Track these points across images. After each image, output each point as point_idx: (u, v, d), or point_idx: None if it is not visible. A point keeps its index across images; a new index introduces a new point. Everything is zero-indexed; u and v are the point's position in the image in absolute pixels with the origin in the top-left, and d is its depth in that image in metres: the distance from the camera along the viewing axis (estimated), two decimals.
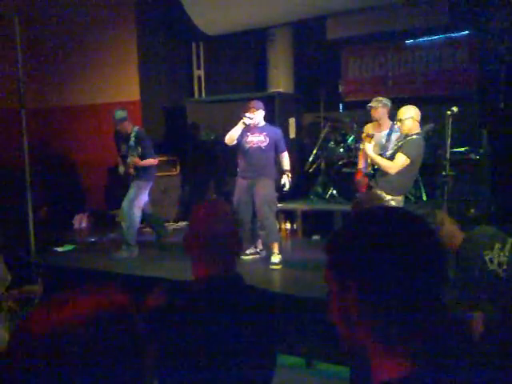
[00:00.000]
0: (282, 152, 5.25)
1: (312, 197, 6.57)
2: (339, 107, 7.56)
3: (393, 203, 3.99)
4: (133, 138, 5.47)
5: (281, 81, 7.53)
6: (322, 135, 6.69)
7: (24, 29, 6.17)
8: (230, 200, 5.23)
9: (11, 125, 6.14)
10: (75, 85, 7.84)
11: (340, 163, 6.21)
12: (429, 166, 5.60)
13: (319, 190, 6.55)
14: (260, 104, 5.21)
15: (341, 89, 7.54)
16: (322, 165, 6.62)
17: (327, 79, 7.44)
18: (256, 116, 5.10)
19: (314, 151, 6.70)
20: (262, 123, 5.23)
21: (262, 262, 5.15)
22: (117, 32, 7.59)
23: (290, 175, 5.26)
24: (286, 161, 5.27)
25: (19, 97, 6.11)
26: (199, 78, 8.42)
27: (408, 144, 4.16)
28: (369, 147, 4.32)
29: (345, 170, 6.15)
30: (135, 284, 4.57)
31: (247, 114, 5.06)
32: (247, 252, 5.30)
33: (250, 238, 5.34)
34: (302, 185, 6.74)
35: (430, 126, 5.63)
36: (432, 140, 5.62)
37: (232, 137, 5.11)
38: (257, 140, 5.12)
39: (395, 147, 4.41)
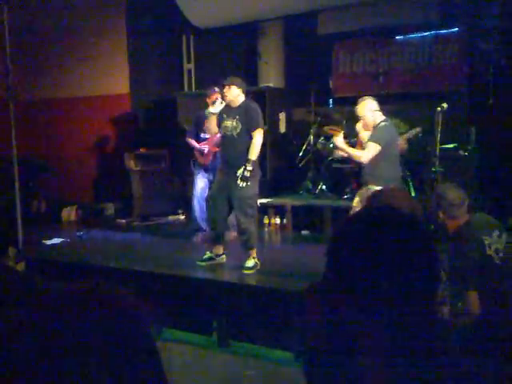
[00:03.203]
0: (253, 131, 4.35)
1: (302, 192, 6.59)
2: (329, 102, 7.57)
3: None
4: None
5: (271, 75, 7.52)
6: (312, 130, 6.70)
7: (14, 21, 6.09)
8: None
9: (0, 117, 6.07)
10: (64, 77, 7.77)
11: (330, 158, 6.23)
12: (418, 161, 5.64)
13: (309, 185, 6.57)
14: (234, 80, 4.48)
15: (331, 84, 7.55)
16: (312, 160, 6.64)
17: (318, 74, 7.44)
18: (228, 93, 4.40)
19: (304, 146, 6.71)
20: (238, 103, 4.43)
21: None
22: (107, 25, 7.53)
23: (249, 168, 4.29)
24: (253, 145, 4.32)
25: (7, 89, 6.04)
26: (189, 71, 8.37)
27: (375, 131, 4.20)
28: (339, 140, 4.32)
29: (335, 165, 6.18)
30: (124, 278, 4.57)
31: (211, 107, 4.75)
32: (204, 257, 4.71)
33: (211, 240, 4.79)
34: (292, 180, 6.75)
35: (418, 129, 5.67)
36: (421, 136, 5.66)
37: (209, 129, 4.83)
38: (230, 127, 4.41)
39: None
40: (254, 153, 4.37)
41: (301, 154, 6.70)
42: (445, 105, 4.59)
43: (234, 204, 4.46)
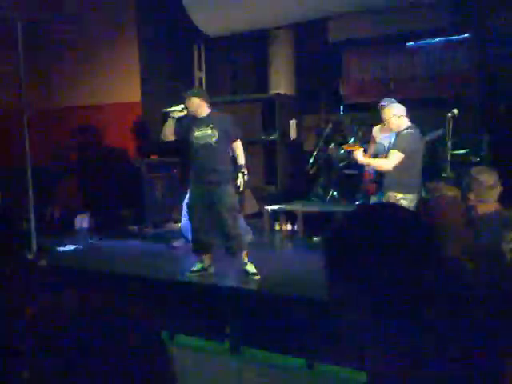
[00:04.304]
0: (234, 141, 4.48)
1: (313, 198, 6.59)
2: (340, 109, 7.59)
3: (404, 202, 3.97)
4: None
5: (282, 82, 7.55)
6: (323, 137, 6.72)
7: (28, 31, 6.20)
8: None
9: (15, 126, 6.16)
10: (77, 86, 7.86)
11: (341, 165, 6.24)
12: (429, 167, 5.62)
13: (320, 191, 6.57)
14: (195, 91, 4.63)
15: (342, 91, 7.56)
16: (323, 166, 6.65)
17: (328, 81, 7.46)
18: (190, 105, 4.44)
19: (315, 153, 6.72)
20: (205, 112, 4.48)
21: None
22: (119, 34, 7.61)
23: (245, 172, 4.52)
24: (239, 152, 4.50)
25: (21, 98, 6.13)
26: (200, 79, 8.43)
27: (399, 139, 4.18)
28: (358, 155, 4.33)
29: (346, 171, 6.18)
30: (136, 285, 4.59)
31: (173, 107, 4.56)
32: (193, 269, 4.66)
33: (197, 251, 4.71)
34: (303, 186, 6.76)
35: (440, 131, 5.64)
36: (432, 142, 5.64)
37: (165, 133, 4.59)
38: (205, 135, 4.40)
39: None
40: (243, 157, 4.52)
41: (311, 160, 6.71)
42: (455, 111, 4.58)
43: (219, 212, 4.43)
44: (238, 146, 4.51)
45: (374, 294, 0.85)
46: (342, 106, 7.57)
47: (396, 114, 4.21)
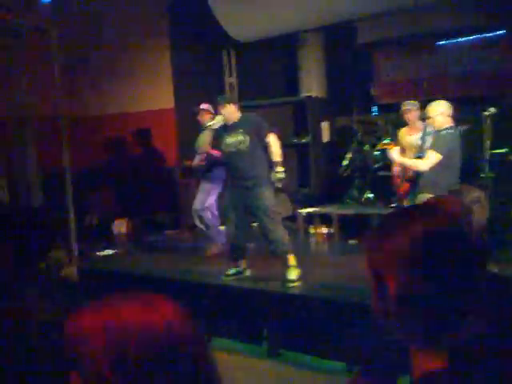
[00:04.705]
0: (267, 136, 4.40)
1: (348, 201, 6.56)
2: (373, 110, 7.53)
3: None
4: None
5: (312, 85, 7.54)
6: (357, 139, 6.68)
7: (63, 41, 6.37)
8: None
9: (53, 134, 6.33)
10: (112, 94, 8.01)
11: (375, 166, 6.19)
12: (466, 167, 5.52)
13: (355, 193, 6.53)
14: (228, 97, 4.66)
15: (373, 92, 7.51)
16: (358, 168, 6.61)
17: (360, 82, 7.42)
18: (225, 112, 4.42)
19: (349, 155, 6.69)
20: (236, 117, 4.48)
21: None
22: (151, 41, 7.73)
23: (281, 167, 4.43)
24: (273, 149, 4.39)
25: (57, 106, 6.31)
26: (231, 84, 8.50)
27: (438, 140, 4.13)
28: (393, 153, 4.29)
29: (381, 173, 6.12)
30: (174, 288, 4.66)
31: (212, 121, 4.53)
32: (229, 272, 4.67)
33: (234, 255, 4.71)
34: (337, 189, 6.73)
35: (465, 126, 5.54)
36: (468, 141, 5.54)
37: (202, 147, 4.68)
38: (236, 142, 4.38)
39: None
40: (279, 153, 4.42)
41: (345, 162, 6.68)
42: (492, 109, 4.50)
43: (257, 216, 4.42)
44: (273, 142, 4.42)
45: (421, 298, 0.85)
46: (374, 107, 7.51)
47: (443, 112, 4.15)
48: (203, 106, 5.81)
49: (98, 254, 6.06)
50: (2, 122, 6.26)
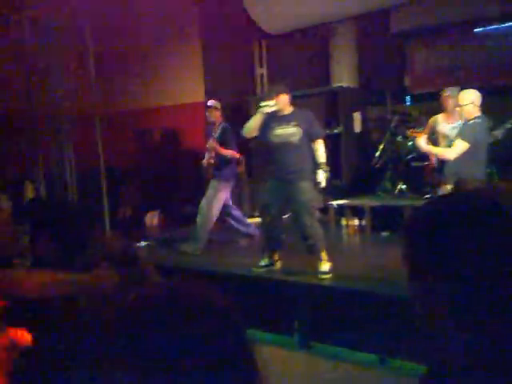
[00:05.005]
0: (316, 139, 4.48)
1: (380, 192, 6.46)
2: (406, 100, 7.38)
3: None
4: (219, 131, 5.63)
5: (344, 75, 7.45)
6: (390, 129, 6.56)
7: (96, 38, 6.47)
8: None
9: (87, 129, 6.45)
10: (143, 88, 8.09)
11: (409, 157, 6.07)
12: (507, 158, 5.35)
13: (388, 185, 6.43)
14: (282, 87, 4.48)
15: (407, 81, 7.36)
16: (390, 159, 6.49)
17: (393, 72, 7.28)
18: (279, 102, 4.35)
19: (381, 146, 6.58)
20: (289, 109, 4.46)
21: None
22: (181, 34, 7.77)
23: (326, 169, 4.53)
24: (320, 151, 4.49)
25: (92, 102, 6.42)
26: (261, 76, 8.48)
27: (466, 129, 4.04)
28: (421, 142, 4.20)
29: (414, 164, 6.01)
30: (205, 279, 4.68)
31: (265, 102, 4.36)
32: (260, 264, 4.69)
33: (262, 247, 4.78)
34: (369, 180, 6.63)
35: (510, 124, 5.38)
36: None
37: (250, 129, 4.47)
38: (286, 134, 4.37)
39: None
40: (324, 155, 4.51)
41: (378, 153, 6.57)
42: None
43: (296, 209, 4.42)
44: (320, 145, 4.50)
45: (461, 287, 0.82)
46: (408, 97, 7.36)
47: (473, 101, 4.05)
48: (211, 102, 5.82)
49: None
50: (39, 119, 6.41)
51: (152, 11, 7.70)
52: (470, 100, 4.05)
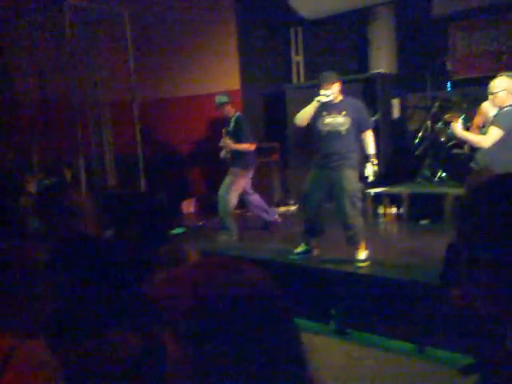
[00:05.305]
0: (365, 131, 4.42)
1: (420, 180, 6.33)
2: (447, 86, 7.18)
3: None
4: (232, 123, 5.64)
5: (383, 61, 7.30)
6: (430, 116, 6.41)
7: (134, 26, 6.55)
8: None
9: (125, 116, 6.55)
10: (179, 77, 8.14)
11: (450, 144, 5.92)
12: None
13: (427, 172, 6.29)
14: (335, 76, 4.42)
15: (449, 66, 7.15)
16: (430, 146, 6.35)
17: (433, 57, 7.08)
18: (333, 91, 4.30)
19: (421, 133, 6.44)
20: (340, 98, 4.40)
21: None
22: (217, 22, 7.77)
23: (375, 161, 4.45)
24: (370, 142, 4.42)
25: (131, 90, 6.51)
26: (297, 63, 8.41)
27: (500, 116, 3.93)
28: (457, 127, 4.08)
29: (455, 151, 5.86)
30: None
31: (322, 92, 4.28)
32: (297, 251, 4.71)
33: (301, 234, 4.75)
34: (408, 168, 6.52)
35: None
36: None
37: (303, 117, 4.41)
38: (335, 123, 4.34)
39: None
40: (373, 147, 4.44)
41: (417, 140, 6.44)
42: None
43: (339, 198, 4.35)
44: (369, 136, 4.44)
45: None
46: (449, 83, 7.16)
47: (506, 88, 3.93)
48: (216, 99, 5.80)
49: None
50: (80, 106, 6.54)
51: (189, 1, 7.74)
52: (502, 87, 3.94)
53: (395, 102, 6.88)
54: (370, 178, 4.48)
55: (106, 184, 6.94)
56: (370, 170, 4.44)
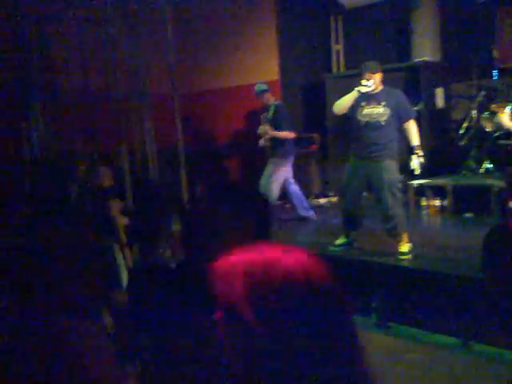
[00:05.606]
0: (407, 121, 4.32)
1: (464, 172, 6.17)
2: (493, 74, 6.94)
3: None
4: (271, 111, 5.63)
5: (426, 49, 7.12)
6: (475, 105, 6.22)
7: (174, 19, 6.59)
8: None
9: (166, 109, 6.62)
10: (218, 68, 8.17)
11: (496, 135, 5.74)
12: None
13: (472, 164, 6.13)
14: (376, 66, 4.35)
15: (495, 54, 6.90)
16: (475, 137, 6.17)
17: (479, 45, 6.86)
18: (374, 81, 4.23)
19: (466, 123, 6.27)
20: (380, 88, 4.32)
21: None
22: (256, 13, 7.75)
23: (420, 153, 4.34)
24: (413, 133, 4.32)
25: (172, 83, 6.57)
26: (337, 52, 8.30)
27: None
28: (503, 117, 3.94)
29: (501, 142, 5.68)
30: None
31: (363, 82, 4.22)
32: (337, 242, 4.69)
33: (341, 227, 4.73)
34: (452, 159, 6.36)
35: None
36: None
37: (342, 106, 4.34)
38: (375, 113, 4.26)
39: None
40: (418, 138, 4.33)
41: (462, 131, 6.27)
42: None
43: (379, 189, 4.29)
44: (412, 126, 4.34)
45: None
46: (495, 71, 6.92)
47: None
48: (256, 88, 5.76)
49: None
50: (123, 98, 6.66)
51: None
52: None
53: (439, 92, 6.71)
54: (417, 171, 4.39)
55: (148, 175, 7.05)
56: (416, 163, 4.34)
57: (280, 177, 5.66)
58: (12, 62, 6.12)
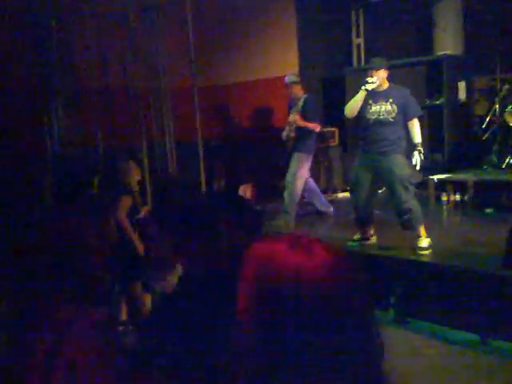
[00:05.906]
0: (412, 119, 4.34)
1: (486, 167, 6.08)
2: None
3: None
4: (301, 103, 5.61)
5: (448, 42, 7.01)
6: (498, 99, 6.12)
7: (195, 13, 6.61)
8: None
9: (186, 102, 6.66)
10: (238, 62, 8.17)
11: None
12: None
13: (494, 159, 6.04)
14: (382, 62, 4.34)
15: None
16: (498, 131, 6.07)
17: (503, 37, 6.72)
18: (378, 78, 4.24)
19: (488, 117, 6.17)
20: (386, 85, 4.35)
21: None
22: (276, 6, 7.72)
23: (422, 150, 4.35)
24: (416, 131, 4.34)
25: (192, 76, 6.61)
26: (358, 46, 8.24)
27: None
28: None
29: None
30: None
31: (368, 79, 4.22)
32: (354, 238, 4.68)
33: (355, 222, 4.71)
34: (474, 154, 6.27)
35: None
36: None
37: (352, 109, 4.35)
38: (382, 111, 4.29)
39: None
40: (420, 135, 4.35)
41: (484, 125, 6.17)
42: None
43: (391, 184, 4.31)
44: (415, 125, 4.36)
45: None
46: None
47: None
48: (287, 79, 5.72)
49: None
50: (143, 92, 6.71)
51: None
52: None
53: (461, 85, 6.61)
54: (417, 168, 4.39)
55: (167, 169, 7.12)
56: (417, 159, 4.34)
57: (305, 172, 5.67)
58: (34, 59, 6.22)
